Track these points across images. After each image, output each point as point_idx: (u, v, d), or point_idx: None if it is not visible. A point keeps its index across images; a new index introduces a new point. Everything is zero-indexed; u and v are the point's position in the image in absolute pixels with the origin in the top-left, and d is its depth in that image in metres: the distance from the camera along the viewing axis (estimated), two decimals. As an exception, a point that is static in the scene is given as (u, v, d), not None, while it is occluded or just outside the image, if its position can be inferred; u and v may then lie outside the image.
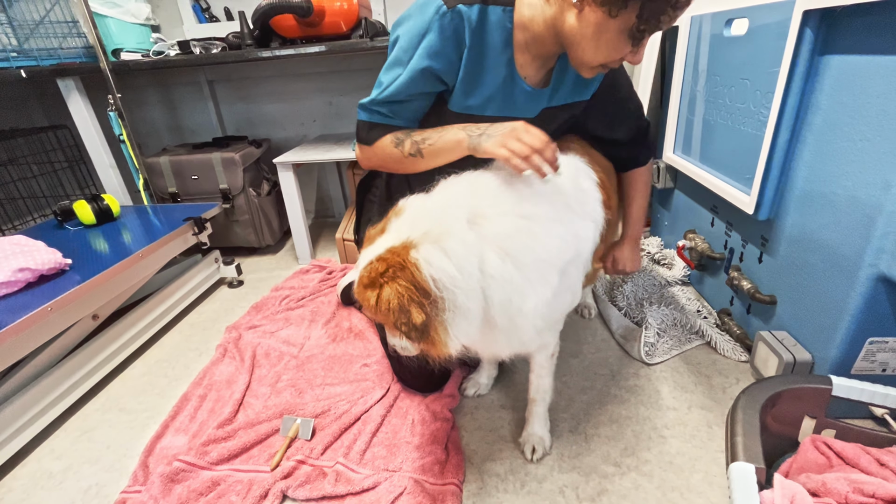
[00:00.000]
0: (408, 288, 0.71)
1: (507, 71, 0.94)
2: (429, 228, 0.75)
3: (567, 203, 0.89)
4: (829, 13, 0.97)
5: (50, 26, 2.03)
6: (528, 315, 0.82)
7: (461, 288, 0.73)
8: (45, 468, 1.17)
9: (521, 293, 0.80)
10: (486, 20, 0.88)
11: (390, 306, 0.72)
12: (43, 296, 1.25)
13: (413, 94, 0.93)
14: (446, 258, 0.73)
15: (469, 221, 0.77)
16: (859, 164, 0.94)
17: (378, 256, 0.75)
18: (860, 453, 0.83)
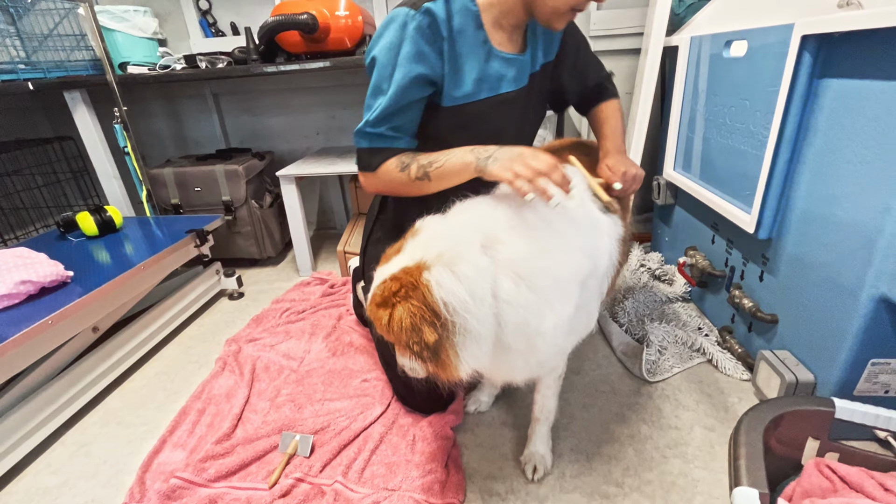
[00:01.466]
0: (420, 308, 0.71)
1: (485, 49, 0.95)
2: (442, 251, 0.75)
3: (582, 218, 0.90)
4: (827, 38, 0.99)
5: (58, 39, 2.06)
6: (548, 334, 0.81)
7: (472, 313, 0.72)
8: (41, 483, 1.16)
9: (538, 314, 0.78)
10: (451, 9, 0.91)
11: (402, 325, 0.72)
12: (44, 308, 1.25)
13: (404, 104, 0.93)
14: (457, 282, 0.72)
15: (483, 246, 0.77)
16: (858, 187, 0.94)
17: (392, 276, 0.75)
18: (864, 478, 0.82)
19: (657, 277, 1.87)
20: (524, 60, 1.01)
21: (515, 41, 1.00)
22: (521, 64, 1.01)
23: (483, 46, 0.95)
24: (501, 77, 0.98)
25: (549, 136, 2.15)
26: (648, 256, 1.98)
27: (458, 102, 0.97)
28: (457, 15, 0.91)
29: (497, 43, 0.97)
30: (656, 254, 1.99)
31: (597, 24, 2.23)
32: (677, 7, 1.89)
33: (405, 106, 0.93)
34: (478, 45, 0.94)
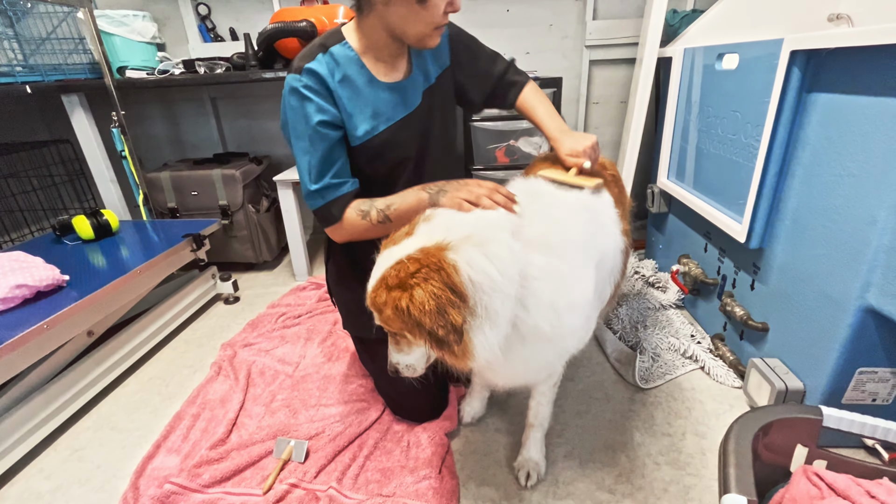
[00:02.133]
0: (443, 289, 0.68)
1: (372, 86, 1.03)
2: (471, 233, 0.74)
3: (588, 209, 0.95)
4: (816, 53, 1.01)
5: (56, 42, 2.06)
6: (577, 306, 0.84)
7: (500, 292, 0.71)
8: (33, 488, 1.15)
9: (568, 285, 0.82)
10: (334, 59, 0.99)
11: (426, 308, 0.68)
12: (39, 312, 1.25)
13: (326, 151, 1.00)
14: (489, 262, 0.72)
15: (513, 233, 0.80)
16: (846, 199, 0.96)
17: (409, 256, 0.72)
18: (851, 485, 0.83)
19: (651, 284, 1.89)
20: (412, 81, 1.08)
21: (400, 68, 1.08)
22: (410, 86, 1.08)
23: (370, 84, 1.03)
24: (395, 105, 1.06)
25: (544, 145, 2.17)
26: (642, 263, 2.00)
27: (363, 140, 1.04)
28: (341, 65, 1.00)
29: (383, 76, 1.04)
30: (650, 261, 2.01)
31: (593, 34, 2.26)
32: (672, 18, 1.92)
33: (328, 152, 1.00)
34: (365, 84, 1.02)
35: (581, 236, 0.87)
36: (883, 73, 0.87)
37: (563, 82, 2.11)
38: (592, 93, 2.42)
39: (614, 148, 2.53)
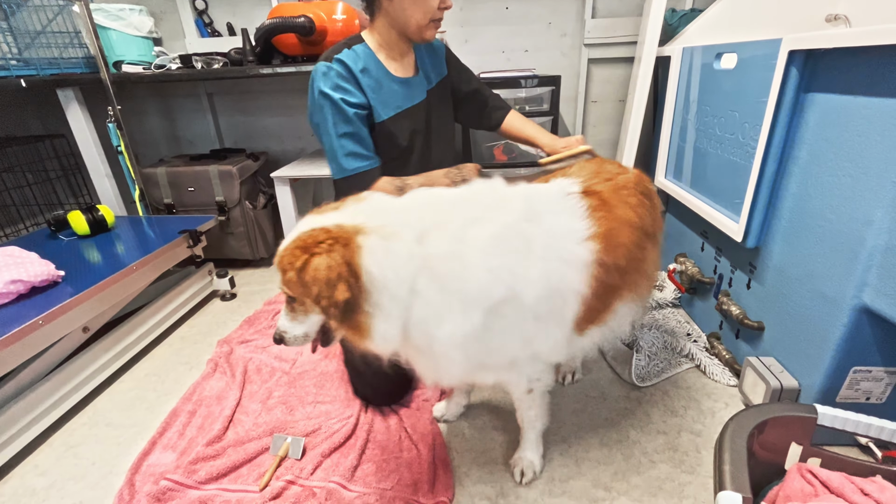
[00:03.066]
0: (341, 265, 0.71)
1: (388, 78, 1.20)
2: (385, 224, 0.77)
3: (522, 237, 0.83)
4: (814, 53, 1.01)
5: (51, 36, 2.04)
6: (443, 342, 0.79)
7: (389, 290, 0.74)
8: (28, 485, 1.15)
9: (438, 317, 0.77)
10: (357, 55, 1.16)
11: (316, 276, 0.71)
12: (34, 308, 1.25)
13: (355, 128, 1.14)
14: (388, 257, 0.74)
15: (420, 236, 0.78)
16: (843, 199, 0.97)
17: (324, 227, 0.76)
18: (845, 482, 0.84)
19: (648, 283, 1.89)
20: (418, 80, 1.26)
21: (408, 66, 1.25)
22: (416, 83, 1.26)
23: (386, 77, 1.19)
24: (404, 96, 1.22)
25: (543, 142, 2.17)
26: (639, 262, 2.00)
27: (381, 119, 1.19)
28: (361, 58, 1.16)
29: (394, 71, 1.21)
30: (647, 260, 2.01)
31: (591, 33, 2.25)
32: (670, 17, 1.92)
33: (357, 127, 1.14)
34: (382, 76, 1.18)
35: (473, 287, 0.78)
36: (880, 73, 0.87)
37: (562, 81, 2.11)
38: (591, 91, 2.42)
39: (612, 147, 2.53)
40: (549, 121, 2.12)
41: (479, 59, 2.39)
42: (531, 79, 2.04)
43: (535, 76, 2.05)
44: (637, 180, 1.03)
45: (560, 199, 0.92)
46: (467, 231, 0.80)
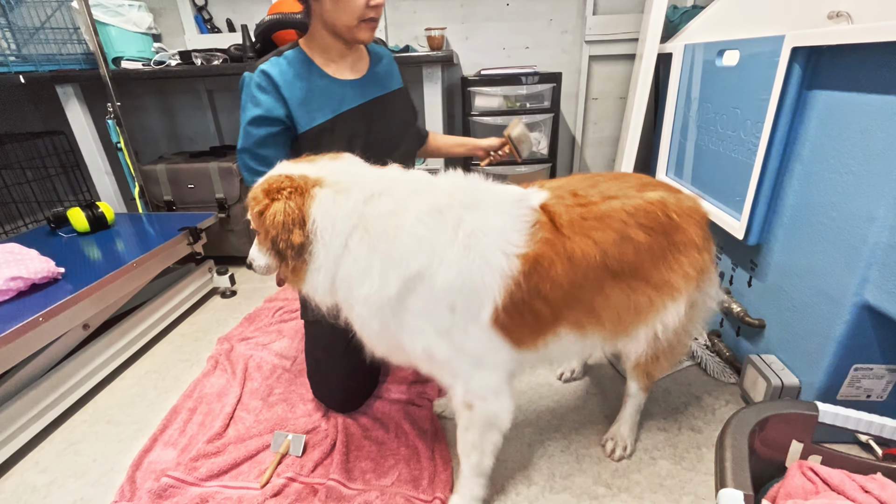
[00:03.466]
0: (295, 211, 0.78)
1: (324, 80, 1.17)
2: (340, 180, 0.81)
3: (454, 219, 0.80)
4: (817, 50, 1.01)
5: (49, 32, 2.04)
6: (361, 305, 0.81)
7: (324, 241, 0.79)
8: (29, 482, 1.15)
9: (360, 276, 0.80)
10: (287, 62, 1.14)
11: (274, 220, 0.78)
12: (34, 305, 1.24)
13: (258, 139, 1.14)
14: (331, 209, 0.79)
15: (368, 197, 0.81)
16: (845, 196, 0.97)
17: (289, 174, 0.81)
18: (845, 480, 0.84)
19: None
20: (363, 83, 1.24)
21: (354, 69, 1.23)
22: (362, 86, 1.23)
23: (322, 79, 1.17)
24: (343, 98, 1.19)
25: (543, 140, 2.17)
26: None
27: (311, 126, 1.16)
28: (292, 64, 1.14)
29: (333, 73, 1.19)
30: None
31: (593, 29, 2.25)
32: (672, 14, 1.92)
33: (261, 144, 1.15)
34: (318, 79, 1.16)
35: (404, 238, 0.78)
36: (883, 70, 0.87)
37: (563, 77, 2.10)
38: (592, 88, 2.42)
39: (613, 144, 2.53)
40: (551, 118, 2.12)
41: (479, 55, 2.39)
42: (532, 76, 2.04)
43: (536, 73, 2.04)
44: (650, 209, 0.87)
45: (511, 204, 0.85)
46: (409, 199, 0.81)
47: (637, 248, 0.86)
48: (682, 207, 0.91)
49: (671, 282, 0.90)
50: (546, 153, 2.18)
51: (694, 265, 0.91)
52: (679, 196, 0.93)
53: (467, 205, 0.82)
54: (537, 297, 0.83)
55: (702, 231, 0.92)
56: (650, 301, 0.91)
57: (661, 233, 0.88)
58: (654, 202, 0.88)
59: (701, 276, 0.93)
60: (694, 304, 0.98)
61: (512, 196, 0.87)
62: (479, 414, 0.90)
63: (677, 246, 0.90)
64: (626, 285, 0.88)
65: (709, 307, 1.03)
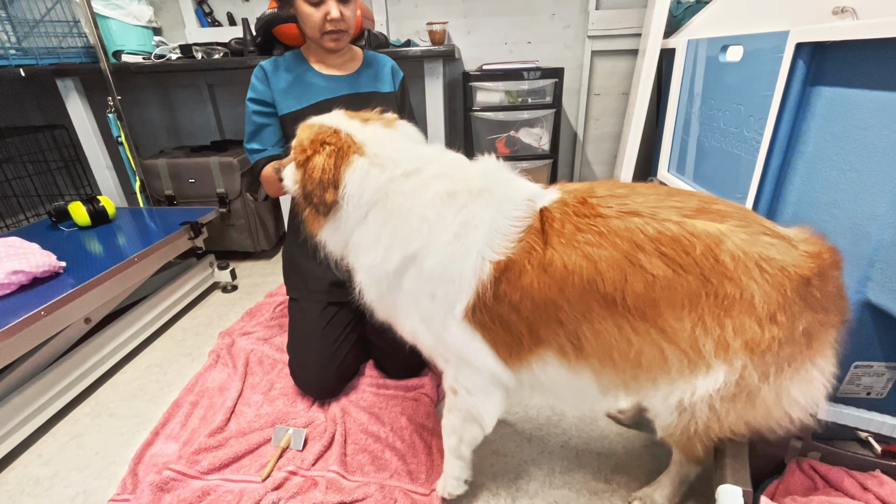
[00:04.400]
0: (332, 170, 0.79)
1: (309, 75, 1.34)
2: (380, 153, 0.82)
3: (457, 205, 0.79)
4: (821, 46, 1.00)
5: (50, 25, 2.03)
6: (362, 273, 0.86)
7: (348, 206, 0.80)
8: (31, 474, 1.16)
9: (368, 245, 0.82)
10: (283, 59, 1.36)
11: (313, 174, 0.80)
12: (36, 299, 1.25)
13: (257, 126, 1.33)
14: (365, 179, 0.80)
15: (399, 176, 0.81)
16: (847, 194, 0.96)
17: (339, 128, 0.82)
18: (844, 477, 0.85)
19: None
20: (349, 80, 1.37)
21: (347, 69, 1.38)
22: (339, 81, 1.36)
23: (306, 73, 1.34)
24: (325, 90, 1.34)
25: (544, 136, 2.16)
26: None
27: (290, 110, 1.32)
28: (286, 60, 1.35)
29: (321, 69, 1.35)
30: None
31: (595, 24, 2.24)
32: (675, 9, 1.90)
33: (258, 127, 1.33)
34: (302, 73, 1.34)
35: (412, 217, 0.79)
36: (887, 66, 0.86)
37: (565, 73, 2.09)
38: (594, 84, 2.41)
39: (615, 140, 2.52)
40: (552, 113, 2.11)
41: (481, 50, 2.38)
42: (534, 70, 2.03)
43: (537, 68, 2.03)
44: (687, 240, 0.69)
45: (512, 203, 0.80)
46: (433, 181, 0.82)
47: (649, 283, 0.70)
48: (749, 252, 0.68)
49: (696, 342, 0.71)
50: (548, 149, 2.18)
51: (742, 335, 0.69)
52: (757, 237, 0.70)
53: (475, 192, 0.81)
54: (507, 305, 0.78)
55: (777, 295, 0.67)
56: (661, 355, 0.73)
57: (695, 275, 0.69)
58: (699, 234, 0.69)
59: (753, 356, 0.69)
60: (748, 395, 0.73)
61: (522, 193, 0.83)
62: (461, 403, 0.90)
63: (720, 300, 0.69)
64: (626, 322, 0.73)
65: (780, 412, 0.75)
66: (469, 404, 0.90)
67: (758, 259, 0.68)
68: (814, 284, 0.69)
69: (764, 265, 0.68)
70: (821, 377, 0.74)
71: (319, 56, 1.35)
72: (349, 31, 1.28)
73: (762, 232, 0.71)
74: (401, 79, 1.46)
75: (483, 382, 0.87)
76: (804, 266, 0.68)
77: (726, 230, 0.69)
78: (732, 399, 0.73)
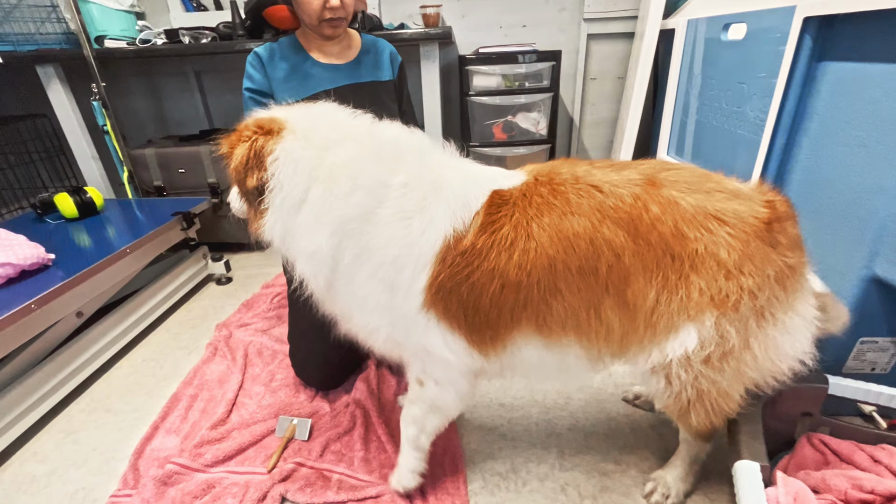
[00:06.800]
0: (255, 152, 0.76)
1: (307, 64, 1.29)
2: (309, 129, 0.79)
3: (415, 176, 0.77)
4: (828, 20, 0.99)
5: (27, 10, 1.94)
6: (301, 253, 0.78)
7: (283, 190, 0.76)
8: (27, 472, 1.12)
9: (306, 228, 0.76)
10: (279, 46, 1.30)
11: (235, 163, 0.78)
12: (25, 292, 1.20)
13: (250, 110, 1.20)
14: (297, 151, 0.76)
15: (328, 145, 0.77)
16: (855, 169, 0.96)
17: (259, 119, 0.80)
18: (855, 450, 0.85)
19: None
20: (343, 68, 1.32)
21: (345, 56, 1.33)
22: (340, 71, 1.32)
23: (304, 61, 1.29)
24: (322, 80, 1.30)
25: (542, 121, 2.14)
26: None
27: (284, 100, 1.23)
28: (282, 47, 1.30)
29: (320, 57, 1.30)
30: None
31: (591, 7, 2.21)
32: (672, -10, 1.88)
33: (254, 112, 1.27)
34: (300, 61, 1.29)
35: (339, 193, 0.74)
36: (895, 38, 0.85)
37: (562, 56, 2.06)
38: (590, 68, 2.38)
39: (611, 125, 2.51)
40: (550, 97, 2.08)
41: (475, 34, 2.34)
42: (529, 53, 2.00)
43: (535, 51, 2.00)
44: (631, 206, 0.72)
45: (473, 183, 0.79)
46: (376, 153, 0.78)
47: (618, 254, 0.72)
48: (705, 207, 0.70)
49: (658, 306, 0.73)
50: (545, 134, 2.15)
51: (709, 291, 0.70)
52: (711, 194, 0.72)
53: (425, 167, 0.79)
54: (473, 288, 0.75)
55: (740, 244, 0.69)
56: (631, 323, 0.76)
57: (655, 239, 0.71)
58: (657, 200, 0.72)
59: (726, 311, 0.71)
60: (735, 352, 0.74)
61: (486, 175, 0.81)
62: (428, 394, 0.88)
63: (683, 260, 0.71)
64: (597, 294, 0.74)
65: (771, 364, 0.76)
66: (435, 395, 0.87)
67: (714, 213, 0.71)
68: (775, 229, 0.71)
69: (722, 216, 0.70)
70: (803, 322, 0.76)
71: (317, 43, 1.30)
72: (348, 17, 1.24)
73: (715, 189, 0.74)
74: (399, 64, 1.42)
75: (453, 373, 0.85)
76: (761, 213, 0.71)
77: (679, 192, 0.73)
78: (721, 359, 0.74)
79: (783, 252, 0.72)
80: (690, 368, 0.75)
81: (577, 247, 0.72)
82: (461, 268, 0.74)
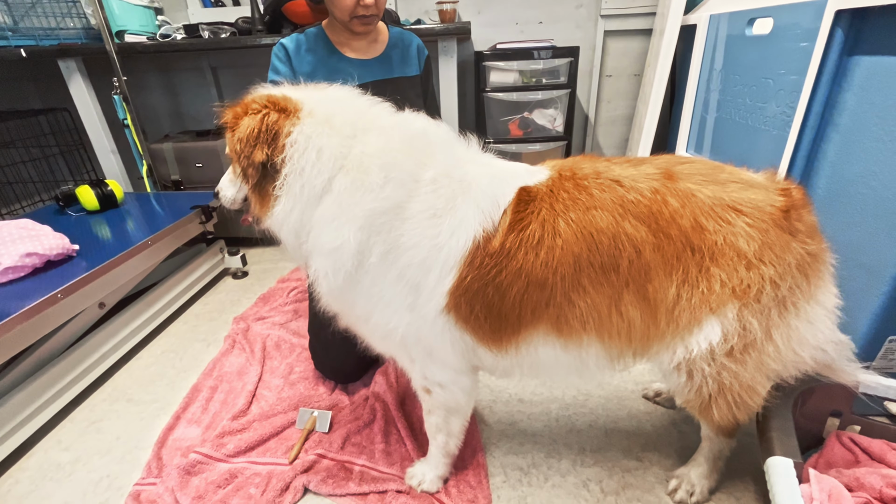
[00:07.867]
0: (268, 127, 0.72)
1: (334, 57, 1.27)
2: (334, 115, 0.75)
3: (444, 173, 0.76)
4: (860, 13, 0.97)
5: (48, 5, 1.97)
6: (319, 248, 0.74)
7: (304, 177, 0.72)
8: (52, 459, 1.14)
9: (330, 220, 0.73)
10: (305, 36, 1.26)
11: (241, 135, 0.72)
12: (51, 282, 1.22)
13: None
14: (320, 138, 0.72)
15: (355, 133, 0.75)
16: (886, 164, 0.94)
17: (270, 95, 0.75)
18: (886, 449, 0.84)
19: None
20: (372, 63, 1.30)
21: (373, 50, 1.31)
22: (369, 66, 1.29)
23: (332, 55, 1.27)
24: (348, 75, 1.24)
25: (559, 117, 2.13)
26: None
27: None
28: (309, 39, 1.26)
29: (347, 51, 1.28)
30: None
31: (608, 3, 2.19)
32: (693, -14, 1.86)
33: None
34: (327, 55, 1.27)
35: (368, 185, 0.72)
36: (936, 32, 0.84)
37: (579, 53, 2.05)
38: (606, 65, 2.37)
39: (626, 123, 2.49)
40: (567, 94, 2.07)
41: (491, 30, 2.33)
42: (546, 49, 1.99)
43: (552, 47, 1.99)
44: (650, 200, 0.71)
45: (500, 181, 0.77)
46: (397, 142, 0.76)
47: (639, 249, 0.71)
48: (722, 199, 0.70)
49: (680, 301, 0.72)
50: (562, 131, 2.14)
51: (730, 283, 0.70)
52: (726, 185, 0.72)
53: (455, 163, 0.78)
54: (495, 288, 0.74)
55: (759, 234, 0.69)
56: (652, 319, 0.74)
57: (676, 234, 0.71)
58: (675, 193, 0.71)
59: (748, 301, 0.70)
60: (758, 343, 0.73)
61: (512, 172, 0.80)
62: (438, 399, 0.88)
63: (704, 252, 0.70)
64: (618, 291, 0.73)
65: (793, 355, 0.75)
66: (445, 398, 0.88)
67: (732, 203, 0.70)
68: (793, 217, 0.71)
69: (739, 207, 0.70)
70: (824, 311, 0.75)
71: (345, 37, 1.27)
72: (379, 15, 1.20)
73: (729, 180, 0.74)
74: (425, 58, 1.40)
75: (452, 374, 0.85)
76: (778, 201, 0.71)
77: (695, 184, 0.72)
78: (744, 351, 0.73)
79: (803, 240, 0.71)
80: (713, 362, 0.74)
81: (601, 242, 0.71)
82: (489, 269, 0.73)
